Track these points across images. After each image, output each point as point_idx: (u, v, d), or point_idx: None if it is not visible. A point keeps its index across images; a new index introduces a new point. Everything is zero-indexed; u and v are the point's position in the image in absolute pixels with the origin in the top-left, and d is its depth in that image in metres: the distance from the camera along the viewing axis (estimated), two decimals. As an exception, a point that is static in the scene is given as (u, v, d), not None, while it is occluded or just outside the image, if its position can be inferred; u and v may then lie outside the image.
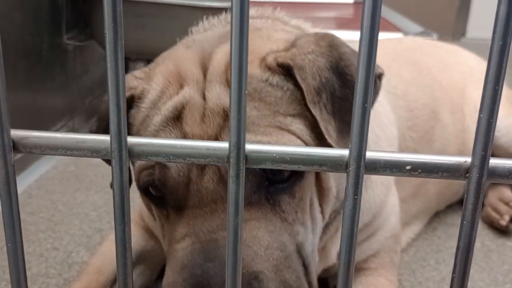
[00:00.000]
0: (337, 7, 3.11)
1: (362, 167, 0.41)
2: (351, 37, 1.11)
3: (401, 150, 1.06)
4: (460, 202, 1.35)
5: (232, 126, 0.40)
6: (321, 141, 0.71)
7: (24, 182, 1.47)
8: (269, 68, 0.72)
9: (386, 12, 2.70)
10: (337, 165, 0.41)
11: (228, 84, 0.71)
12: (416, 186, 1.17)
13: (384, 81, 1.08)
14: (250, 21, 0.89)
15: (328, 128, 0.69)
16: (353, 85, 0.71)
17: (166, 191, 0.71)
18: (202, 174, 0.68)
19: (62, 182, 1.48)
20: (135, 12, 1.70)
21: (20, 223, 0.45)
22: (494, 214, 1.31)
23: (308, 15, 2.85)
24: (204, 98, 0.71)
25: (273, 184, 0.70)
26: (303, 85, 0.69)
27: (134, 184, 0.77)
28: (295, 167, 0.42)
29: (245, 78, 0.39)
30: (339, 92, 0.71)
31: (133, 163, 0.79)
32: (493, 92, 0.38)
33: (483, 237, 1.27)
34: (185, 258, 0.68)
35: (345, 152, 0.41)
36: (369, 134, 0.76)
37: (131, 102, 0.77)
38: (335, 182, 0.76)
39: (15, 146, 0.43)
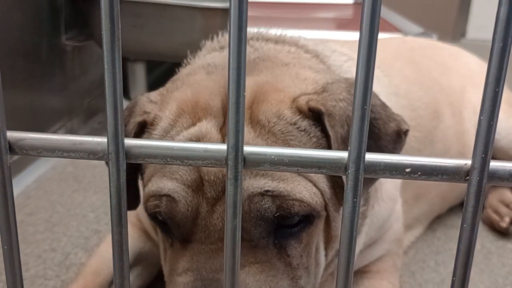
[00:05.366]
0: (336, 8, 3.11)
1: (361, 169, 0.40)
2: (350, 38, 1.10)
3: (406, 150, 1.06)
4: (460, 204, 1.35)
5: (230, 128, 0.40)
6: (335, 190, 0.71)
7: (22, 183, 1.46)
8: (299, 111, 0.70)
9: (386, 13, 2.70)
10: (336, 167, 0.41)
11: (251, 122, 0.69)
12: (418, 187, 1.16)
13: (386, 81, 1.08)
14: (273, 48, 0.87)
15: None
16: (379, 139, 0.72)
17: (172, 224, 0.70)
18: (212, 210, 0.67)
19: (60, 183, 1.48)
20: (133, 12, 1.69)
21: (16, 225, 0.45)
22: (494, 216, 1.30)
23: (308, 15, 2.85)
24: (222, 134, 0.69)
25: (282, 228, 0.69)
26: (331, 133, 0.69)
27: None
28: (293, 169, 0.41)
29: (243, 80, 0.39)
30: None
31: (143, 183, 0.77)
32: (493, 94, 0.38)
33: (483, 239, 1.27)
34: None
35: (344, 154, 0.41)
36: None
37: (143, 127, 0.75)
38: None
39: (11, 147, 0.43)
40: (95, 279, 0.95)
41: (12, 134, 0.42)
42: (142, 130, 0.75)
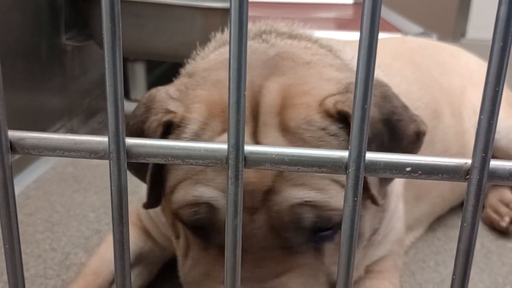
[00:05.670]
0: (336, 8, 3.11)
1: (361, 168, 0.40)
2: (350, 38, 1.10)
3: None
4: (461, 204, 1.35)
5: (231, 127, 0.40)
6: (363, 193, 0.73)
7: (22, 183, 1.46)
8: (328, 115, 0.70)
9: (386, 13, 2.70)
10: (336, 166, 0.41)
11: (283, 129, 0.69)
12: (419, 187, 1.16)
13: (386, 80, 1.08)
14: (289, 43, 0.86)
15: (372, 179, 0.71)
16: (401, 140, 0.73)
17: (211, 230, 0.70)
18: (252, 219, 0.67)
19: (60, 183, 1.48)
20: (133, 12, 1.69)
21: (18, 225, 0.45)
22: (494, 216, 1.30)
23: (308, 15, 2.85)
24: (255, 139, 0.69)
25: (318, 233, 0.71)
26: None
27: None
28: (294, 169, 0.42)
29: (243, 80, 0.39)
30: (386, 144, 0.72)
31: (166, 186, 0.75)
32: (493, 93, 0.38)
33: (483, 238, 1.27)
34: None
35: (344, 154, 0.41)
36: None
37: (169, 127, 0.73)
38: (369, 225, 0.80)
39: (13, 147, 0.43)
40: (95, 280, 0.95)
41: (13, 134, 0.43)
42: (167, 130, 0.73)
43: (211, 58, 0.85)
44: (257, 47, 0.84)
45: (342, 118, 0.70)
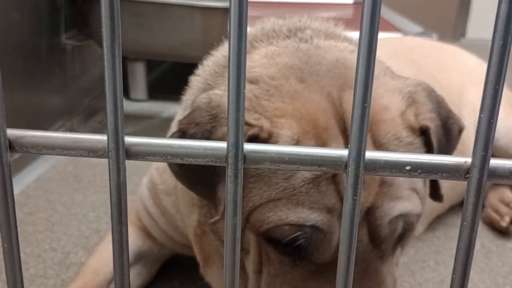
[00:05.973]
0: (336, 8, 3.11)
1: (361, 167, 0.40)
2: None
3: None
4: (460, 203, 1.35)
5: (230, 126, 0.40)
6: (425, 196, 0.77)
7: (22, 182, 1.46)
8: (411, 129, 0.72)
9: (386, 13, 2.70)
10: (336, 165, 0.41)
11: (377, 145, 0.69)
12: None
13: None
14: (334, 45, 0.83)
15: (440, 182, 0.77)
16: (452, 140, 0.77)
17: (313, 250, 0.69)
18: None
19: (60, 182, 1.48)
20: (133, 12, 1.70)
21: (16, 224, 0.45)
22: (494, 215, 1.30)
23: (308, 15, 2.84)
24: None
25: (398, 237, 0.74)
26: (435, 145, 0.73)
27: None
28: (293, 167, 0.41)
29: (243, 78, 0.39)
30: (445, 148, 0.76)
31: (247, 207, 0.70)
32: (493, 91, 0.38)
33: (483, 238, 1.27)
34: None
35: (344, 152, 0.41)
36: None
37: (252, 141, 0.67)
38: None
39: (12, 145, 0.42)
40: (94, 278, 0.95)
41: (12, 132, 0.42)
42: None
43: (265, 63, 0.77)
44: (307, 48, 0.80)
45: (421, 132, 0.73)
